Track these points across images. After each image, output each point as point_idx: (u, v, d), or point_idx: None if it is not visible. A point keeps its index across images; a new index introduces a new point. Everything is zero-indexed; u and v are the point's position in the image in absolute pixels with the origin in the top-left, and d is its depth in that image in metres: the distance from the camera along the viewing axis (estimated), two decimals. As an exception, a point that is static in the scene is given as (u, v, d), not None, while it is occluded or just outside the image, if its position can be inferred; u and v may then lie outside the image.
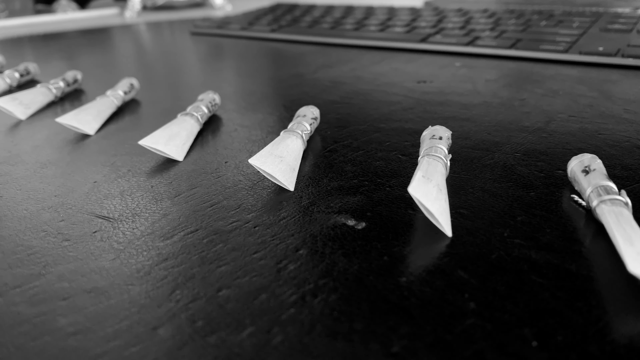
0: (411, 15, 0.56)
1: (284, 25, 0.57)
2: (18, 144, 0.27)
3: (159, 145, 0.24)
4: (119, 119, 0.31)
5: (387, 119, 0.28)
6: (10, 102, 0.32)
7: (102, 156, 0.25)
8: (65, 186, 0.22)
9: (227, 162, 0.24)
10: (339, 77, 0.38)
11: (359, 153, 0.24)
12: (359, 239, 0.17)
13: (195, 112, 0.27)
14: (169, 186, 0.22)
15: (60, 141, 0.27)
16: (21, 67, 0.40)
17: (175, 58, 0.48)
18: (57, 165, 0.24)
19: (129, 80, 0.34)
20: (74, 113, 0.29)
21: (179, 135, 0.25)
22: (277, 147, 0.22)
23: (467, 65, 0.40)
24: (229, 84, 0.38)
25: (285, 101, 0.33)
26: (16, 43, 0.60)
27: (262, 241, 0.17)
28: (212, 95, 0.30)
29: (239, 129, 0.28)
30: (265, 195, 0.20)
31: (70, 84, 0.37)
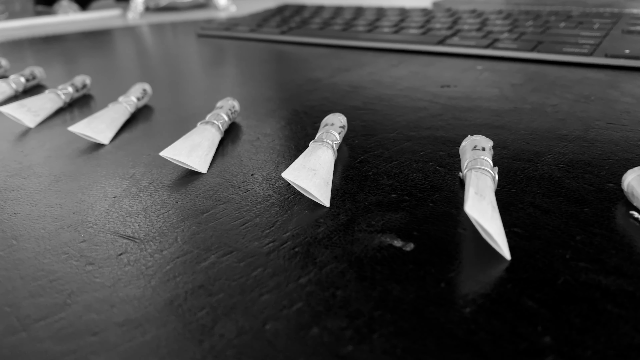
0: (424, 16, 0.55)
1: (294, 27, 0.55)
2: (29, 154, 0.26)
3: (181, 157, 0.23)
4: (133, 126, 0.29)
5: (416, 126, 0.27)
6: (18, 109, 0.30)
7: (119, 168, 0.24)
8: (83, 202, 0.21)
9: (253, 175, 0.22)
10: (357, 81, 0.37)
11: (392, 164, 0.23)
12: (409, 263, 0.16)
13: (216, 121, 0.26)
14: (195, 202, 0.20)
15: (73, 151, 0.26)
16: (27, 72, 0.39)
17: (184, 61, 0.47)
18: (73, 178, 0.23)
19: (142, 86, 0.33)
20: (86, 121, 0.27)
21: (201, 145, 0.24)
22: (309, 159, 0.21)
23: (489, 69, 0.38)
24: (244, 89, 0.36)
25: (305, 107, 0.31)
26: (17, 46, 0.58)
27: (304, 264, 0.16)
28: (232, 102, 0.29)
29: (261, 137, 0.27)
30: (299, 211, 0.19)
31: (79, 89, 0.35)
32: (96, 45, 0.57)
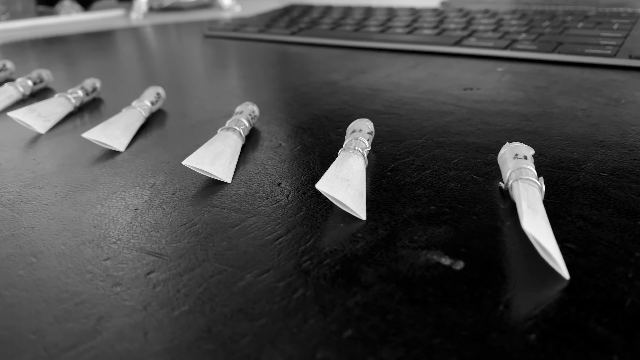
0: (436, 16, 0.54)
1: (304, 28, 0.54)
2: (41, 162, 0.25)
3: (204, 166, 0.22)
4: (148, 132, 0.28)
5: (445, 131, 0.26)
6: (28, 114, 0.29)
7: (138, 177, 0.23)
8: (103, 215, 0.19)
9: (280, 184, 0.21)
10: (376, 83, 0.36)
11: (426, 173, 0.22)
12: (461, 283, 0.15)
13: (237, 127, 0.25)
14: (223, 214, 0.19)
15: (88, 159, 0.25)
16: (34, 75, 0.38)
17: (193, 63, 0.46)
18: (90, 188, 0.22)
19: (155, 90, 0.32)
20: (100, 127, 0.26)
21: (224, 153, 0.23)
22: (341, 168, 0.20)
23: (509, 71, 0.37)
24: (259, 92, 0.35)
25: (325, 112, 0.30)
26: (19, 47, 0.57)
27: (348, 285, 0.15)
28: (251, 107, 0.28)
29: (283, 144, 0.26)
30: (333, 225, 0.18)
31: (89, 92, 0.34)
32: (101, 46, 0.56)
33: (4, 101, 0.34)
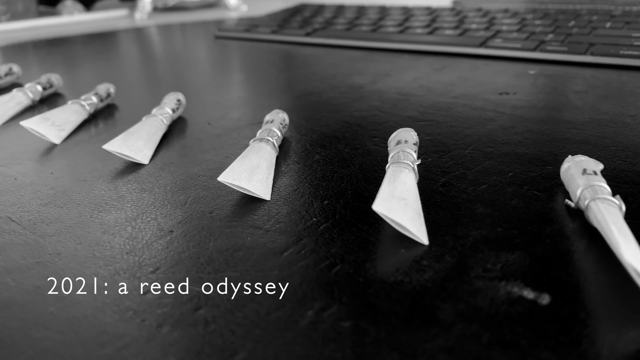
0: (455, 16, 0.52)
1: (318, 29, 0.53)
2: (60, 177, 0.23)
3: (241, 182, 0.20)
4: (170, 143, 0.26)
5: (491, 140, 0.24)
6: (42, 123, 0.27)
7: (168, 194, 0.21)
8: (135, 238, 0.18)
9: (326, 202, 0.20)
10: (404, 87, 0.34)
11: (482, 188, 0.20)
12: (553, 321, 0.13)
13: (270, 137, 0.23)
14: (268, 237, 0.17)
15: (111, 173, 0.23)
16: (43, 79, 0.36)
17: (207, 66, 0.44)
18: (116, 207, 0.20)
19: (175, 96, 0.30)
20: (121, 138, 0.24)
21: (260, 167, 0.21)
22: (394, 186, 0.18)
23: (542, 74, 0.36)
24: (282, 98, 0.33)
25: (357, 118, 0.29)
26: (22, 49, 0.55)
27: (425, 324, 0.13)
28: (282, 115, 0.26)
29: (319, 156, 0.24)
30: (393, 250, 0.16)
31: (103, 99, 0.32)
32: (107, 48, 0.54)
33: (13, 108, 0.32)
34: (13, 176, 0.23)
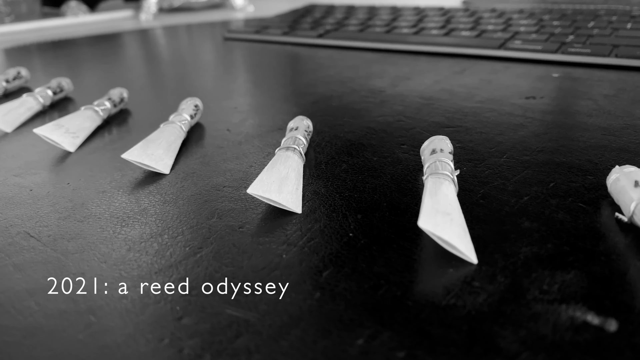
0: (469, 17, 0.51)
1: (331, 30, 0.52)
2: (77, 188, 0.22)
3: (271, 194, 0.19)
4: (189, 151, 0.26)
5: (525, 148, 0.23)
6: (56, 130, 0.26)
7: (193, 206, 0.20)
8: (164, 256, 0.17)
9: (360, 217, 0.19)
10: (426, 91, 0.33)
11: (524, 200, 0.19)
12: (626, 349, 0.12)
13: (297, 146, 0.22)
14: (305, 256, 0.16)
15: (131, 184, 0.22)
16: (53, 83, 0.35)
17: (218, 69, 0.43)
18: (141, 221, 0.19)
19: (193, 101, 0.29)
20: (141, 147, 0.23)
21: (289, 178, 0.20)
22: (437, 200, 0.17)
23: (566, 77, 0.35)
24: (300, 102, 0.32)
25: (381, 124, 0.28)
26: (27, 52, 0.54)
27: (487, 353, 0.12)
28: (306, 122, 0.25)
29: (346, 166, 0.23)
30: (440, 269, 0.15)
31: (117, 104, 0.31)
32: (114, 50, 0.53)
33: (24, 114, 0.31)
34: (28, 187, 0.22)
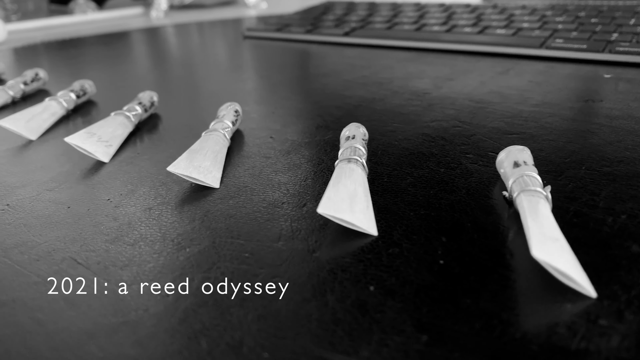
0: (499, 13, 0.49)
1: (357, 28, 0.50)
2: (120, 205, 0.20)
3: (344, 214, 0.17)
4: (236, 162, 0.24)
5: (603, 158, 0.22)
6: (88, 139, 0.24)
7: (255, 226, 0.18)
8: (241, 290, 0.15)
9: (445, 240, 0.17)
10: (474, 94, 0.31)
11: (622, 219, 0.17)
12: None
13: (359, 157, 0.20)
14: (395, 287, 0.14)
15: (178, 199, 0.20)
16: (76, 86, 0.33)
17: (244, 69, 0.41)
18: (198, 244, 0.17)
19: (233, 107, 0.27)
20: (186, 158, 0.21)
21: (358, 195, 0.18)
22: (541, 223, 0.15)
23: (619, 77, 0.33)
24: (343, 106, 0.30)
25: (437, 130, 0.26)
26: (35, 51, 0.52)
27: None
28: (362, 130, 0.23)
29: (412, 179, 0.21)
30: (555, 303, 0.14)
31: (147, 108, 0.29)
32: (128, 49, 0.51)
33: (48, 119, 0.29)
34: (65, 203, 0.20)
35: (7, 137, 0.28)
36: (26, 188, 0.22)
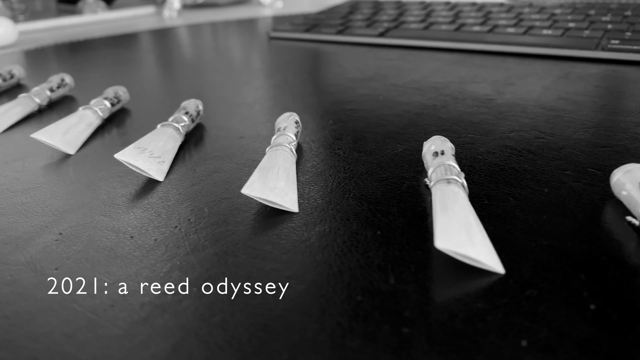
0: (538, 12, 0.47)
1: (391, 28, 0.47)
2: (190, 232, 0.18)
3: (465, 249, 0.15)
4: (306, 180, 0.21)
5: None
6: (139, 155, 0.22)
7: (366, 260, 0.16)
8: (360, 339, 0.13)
9: (585, 277, 0.14)
10: (543, 100, 0.29)
11: None
12: None
13: (458, 177, 0.18)
14: (551, 342, 0.12)
15: (261, 226, 0.18)
16: (110, 93, 0.30)
17: (279, 74, 0.38)
18: (298, 280, 0.15)
19: (293, 117, 0.24)
20: (259, 179, 0.19)
21: (471, 224, 0.16)
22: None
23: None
24: (403, 115, 0.28)
25: (519, 142, 0.23)
26: (44, 54, 0.49)
27: None
28: (449, 144, 0.21)
29: (515, 201, 0.19)
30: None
31: (194, 119, 0.27)
32: (147, 51, 0.48)
33: (85, 131, 0.27)
34: (127, 233, 0.18)
35: (41, 152, 0.26)
36: (77, 213, 0.19)
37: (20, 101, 0.31)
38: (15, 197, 0.21)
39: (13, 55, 0.50)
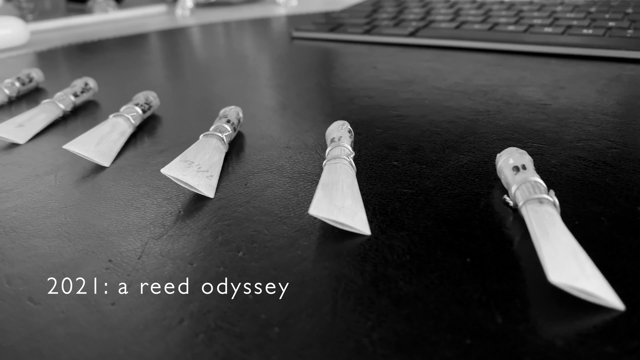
0: (572, 11, 0.46)
1: (421, 27, 0.46)
2: (258, 257, 0.16)
3: (581, 282, 0.13)
4: (368, 201, 0.20)
5: None
6: (186, 169, 0.20)
7: (456, 296, 0.14)
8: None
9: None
10: (603, 106, 0.27)
11: None
12: None
13: (550, 196, 0.16)
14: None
15: (332, 250, 0.16)
16: (140, 99, 0.28)
17: (312, 77, 0.37)
18: (385, 322, 0.13)
19: (346, 126, 0.23)
20: (324, 198, 0.17)
21: (577, 251, 0.14)
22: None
23: None
24: (455, 122, 0.26)
25: (596, 154, 0.22)
26: (59, 55, 0.47)
27: None
28: (528, 157, 0.19)
29: (612, 224, 0.17)
30: None
31: (236, 127, 0.25)
32: (165, 53, 0.47)
33: (119, 140, 0.25)
34: (185, 259, 0.16)
35: (73, 163, 0.24)
36: (126, 237, 0.18)
37: (44, 107, 0.29)
38: (53, 217, 0.19)
39: (26, 57, 0.48)
